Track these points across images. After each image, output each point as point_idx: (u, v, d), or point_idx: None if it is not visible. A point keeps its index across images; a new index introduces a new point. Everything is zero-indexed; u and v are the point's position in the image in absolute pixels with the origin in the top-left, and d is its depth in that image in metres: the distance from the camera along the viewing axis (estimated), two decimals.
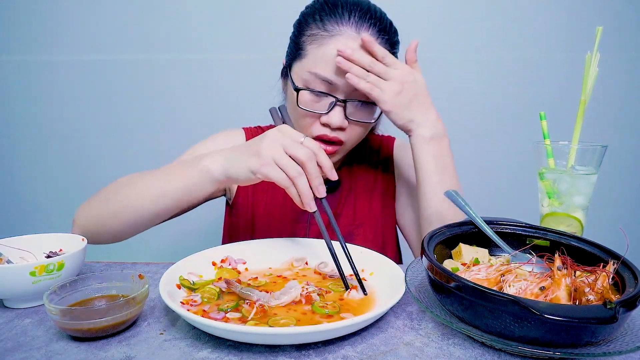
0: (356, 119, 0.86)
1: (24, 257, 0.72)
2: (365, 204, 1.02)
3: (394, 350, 0.53)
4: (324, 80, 0.83)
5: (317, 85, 0.84)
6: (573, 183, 0.74)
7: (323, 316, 0.59)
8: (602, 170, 0.75)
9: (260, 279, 0.72)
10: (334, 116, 0.84)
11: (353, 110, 0.86)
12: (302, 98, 0.86)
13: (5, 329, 0.58)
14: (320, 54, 0.83)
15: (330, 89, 0.84)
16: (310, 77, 0.84)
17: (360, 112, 0.87)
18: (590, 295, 0.53)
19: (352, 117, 0.86)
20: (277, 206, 1.00)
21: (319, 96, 0.85)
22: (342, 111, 0.85)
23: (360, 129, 0.89)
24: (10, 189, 1.75)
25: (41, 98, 1.68)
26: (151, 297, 0.66)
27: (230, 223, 1.05)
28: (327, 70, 0.83)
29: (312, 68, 0.84)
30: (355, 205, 1.01)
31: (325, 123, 0.86)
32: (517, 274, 0.57)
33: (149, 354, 0.51)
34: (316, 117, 0.87)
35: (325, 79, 0.83)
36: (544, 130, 0.78)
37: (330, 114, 0.85)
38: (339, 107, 0.85)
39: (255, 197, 1.01)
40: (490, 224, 0.72)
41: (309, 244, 0.80)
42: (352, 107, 0.86)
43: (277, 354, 0.52)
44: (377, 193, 1.03)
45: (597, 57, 0.73)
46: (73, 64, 1.64)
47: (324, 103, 0.85)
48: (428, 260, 0.57)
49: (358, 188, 1.03)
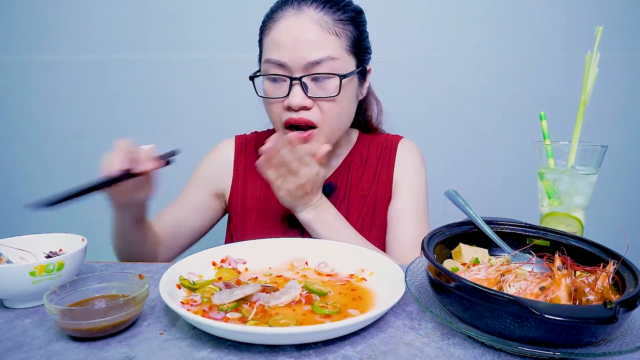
0: (318, 96, 0.85)
1: (24, 257, 0.72)
2: (358, 207, 1.00)
3: (394, 350, 0.53)
4: (276, 64, 0.84)
5: (272, 71, 0.85)
6: (573, 183, 0.74)
7: (323, 316, 0.59)
8: (602, 170, 0.75)
9: (260, 278, 0.72)
10: (293, 97, 0.84)
11: (314, 87, 0.85)
12: (263, 88, 0.88)
13: (5, 329, 0.58)
14: (269, 41, 0.86)
15: (284, 71, 0.84)
16: (266, 66, 0.86)
17: (322, 88, 0.86)
18: (590, 295, 0.53)
19: (313, 94, 0.85)
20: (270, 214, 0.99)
21: (277, 82, 0.86)
22: (300, 90, 0.84)
23: (329, 105, 0.87)
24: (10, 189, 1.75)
25: (41, 98, 1.67)
26: (151, 297, 0.66)
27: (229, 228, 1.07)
28: (275, 54, 0.84)
29: (265, 56, 0.86)
30: (349, 209, 0.99)
31: (288, 106, 0.86)
32: (517, 274, 0.57)
33: (149, 354, 0.51)
34: (280, 102, 0.87)
35: (275, 61, 0.84)
36: (544, 130, 0.78)
37: (290, 96, 0.85)
38: (297, 87, 0.84)
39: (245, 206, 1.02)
40: (490, 224, 0.72)
41: (309, 244, 0.80)
42: (312, 84, 0.85)
43: (277, 354, 0.52)
44: (372, 195, 1.00)
45: (597, 57, 0.73)
46: (73, 63, 1.64)
47: (284, 87, 0.86)
48: (428, 260, 0.57)
49: (354, 190, 1.01)
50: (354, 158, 1.04)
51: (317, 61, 0.83)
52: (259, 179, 1.00)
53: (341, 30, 0.85)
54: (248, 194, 1.02)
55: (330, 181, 1.01)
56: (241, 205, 1.02)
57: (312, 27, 0.83)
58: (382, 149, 1.04)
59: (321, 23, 0.83)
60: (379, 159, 1.03)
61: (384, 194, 1.01)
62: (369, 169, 1.03)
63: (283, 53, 0.83)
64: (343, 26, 0.86)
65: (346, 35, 0.86)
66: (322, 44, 0.83)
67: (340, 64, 0.85)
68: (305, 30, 0.83)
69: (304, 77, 0.84)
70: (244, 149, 1.06)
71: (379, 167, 1.03)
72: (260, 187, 1.01)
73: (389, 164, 1.03)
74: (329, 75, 0.84)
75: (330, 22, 0.84)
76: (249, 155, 1.05)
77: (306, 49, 0.83)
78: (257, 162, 0.82)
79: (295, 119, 0.86)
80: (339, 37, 0.85)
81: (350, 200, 1.00)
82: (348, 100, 0.90)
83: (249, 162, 1.04)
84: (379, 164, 1.03)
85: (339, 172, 1.02)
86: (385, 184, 1.01)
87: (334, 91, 0.86)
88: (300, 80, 0.84)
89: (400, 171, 1.02)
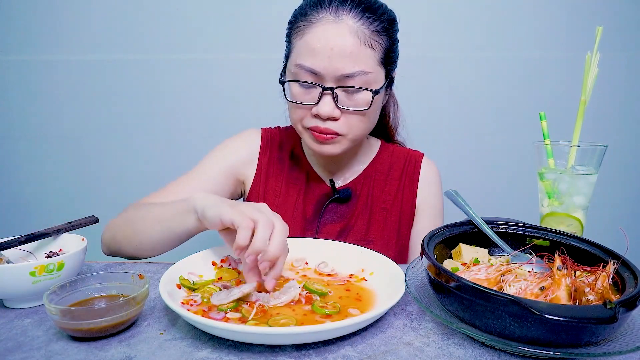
0: (348, 108, 0.84)
1: (24, 257, 0.72)
2: (380, 220, 0.98)
3: (394, 350, 0.53)
4: (308, 71, 0.82)
5: (304, 77, 0.83)
6: (573, 183, 0.75)
7: (323, 316, 0.59)
8: (602, 170, 0.75)
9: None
10: (323, 106, 0.82)
11: (344, 98, 0.83)
12: (291, 91, 0.86)
13: (5, 329, 0.58)
14: (302, 44, 0.83)
15: (316, 79, 0.82)
16: (297, 70, 0.83)
17: (353, 99, 0.84)
18: (590, 295, 0.53)
19: (343, 105, 0.83)
20: (288, 212, 0.98)
21: (307, 88, 0.84)
22: (331, 100, 0.82)
23: (357, 117, 0.86)
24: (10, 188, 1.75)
25: (40, 98, 1.67)
26: (151, 297, 0.66)
27: None
28: (308, 60, 0.81)
29: (297, 60, 0.83)
30: (371, 219, 0.98)
31: (316, 114, 0.84)
32: (517, 274, 0.57)
33: (149, 354, 0.51)
34: (307, 109, 0.85)
35: (309, 69, 0.82)
36: (544, 130, 0.78)
37: (320, 104, 0.83)
38: (328, 97, 0.82)
39: (265, 200, 0.99)
40: (490, 224, 0.72)
41: (309, 244, 0.80)
42: (343, 95, 0.83)
43: (277, 354, 0.52)
44: (395, 210, 0.99)
45: (597, 57, 0.73)
46: (73, 63, 1.64)
47: (314, 94, 0.84)
48: (428, 260, 0.57)
49: (376, 202, 0.99)
50: (377, 168, 1.02)
51: (351, 74, 0.81)
52: (281, 175, 1.00)
53: (376, 42, 0.83)
54: (269, 190, 1.00)
55: (350, 187, 1.00)
56: (262, 200, 1.00)
57: (349, 39, 0.80)
58: (406, 164, 1.03)
59: (359, 34, 0.81)
60: (402, 174, 1.02)
61: (409, 212, 1.01)
62: (391, 182, 1.01)
63: (318, 62, 0.81)
64: (378, 38, 0.83)
65: (380, 48, 0.84)
66: (358, 57, 0.81)
67: (372, 78, 0.83)
68: (343, 41, 0.80)
69: (337, 88, 0.82)
70: (269, 144, 1.03)
71: (403, 182, 1.02)
72: (281, 183, 1.00)
73: (412, 181, 1.02)
74: (362, 89, 0.83)
75: (368, 34, 0.81)
76: (274, 150, 1.03)
77: (341, 60, 0.80)
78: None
79: (321, 129, 0.84)
80: (373, 50, 0.82)
81: (372, 210, 0.99)
82: (375, 112, 0.89)
83: (274, 158, 1.02)
84: (402, 178, 1.02)
85: (360, 180, 1.01)
86: (409, 202, 1.01)
87: (364, 105, 0.84)
88: (332, 91, 0.82)
89: (423, 193, 1.02)
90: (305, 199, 0.99)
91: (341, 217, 0.98)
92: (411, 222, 1.02)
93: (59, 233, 0.75)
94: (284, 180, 1.01)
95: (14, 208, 1.76)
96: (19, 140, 1.71)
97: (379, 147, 1.06)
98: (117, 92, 1.65)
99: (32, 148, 1.71)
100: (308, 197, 0.99)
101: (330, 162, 1.00)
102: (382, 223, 0.98)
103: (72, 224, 0.77)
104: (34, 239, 0.71)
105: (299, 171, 1.01)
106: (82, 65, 1.64)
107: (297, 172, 1.01)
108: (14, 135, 1.71)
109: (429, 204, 1.02)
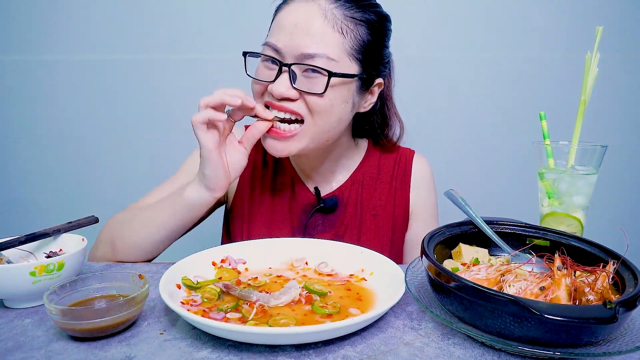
0: (304, 89, 0.77)
1: (24, 257, 0.72)
2: (372, 227, 0.94)
3: (394, 350, 0.53)
4: (272, 48, 0.79)
5: (266, 52, 0.80)
6: (573, 183, 0.75)
7: (323, 316, 0.59)
8: (602, 170, 0.75)
9: (260, 278, 0.72)
10: (277, 84, 0.77)
11: (303, 80, 0.78)
12: (255, 66, 0.84)
13: (5, 329, 0.58)
14: (274, 24, 0.82)
15: (277, 56, 0.79)
16: (263, 47, 0.81)
17: (310, 81, 0.78)
18: (590, 295, 0.53)
19: (299, 86, 0.77)
20: (275, 222, 0.94)
21: (269, 66, 0.81)
22: (287, 79, 0.77)
23: (318, 101, 0.78)
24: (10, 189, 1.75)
25: (40, 98, 1.68)
26: (151, 297, 0.66)
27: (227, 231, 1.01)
28: (273, 37, 0.79)
29: (267, 38, 0.82)
30: (361, 228, 0.93)
31: (270, 92, 0.79)
32: (517, 274, 0.57)
33: (149, 354, 0.51)
34: (264, 86, 0.81)
35: (271, 45, 0.79)
36: (544, 130, 0.78)
37: (275, 82, 0.78)
38: (284, 75, 0.77)
39: (251, 209, 0.96)
40: (490, 224, 0.72)
41: (309, 244, 0.80)
42: (302, 75, 0.78)
43: (277, 354, 0.52)
44: (387, 216, 0.95)
45: (597, 57, 0.73)
46: (72, 63, 1.64)
47: (273, 72, 0.79)
48: (428, 260, 0.57)
49: (366, 209, 0.94)
50: (365, 172, 0.97)
51: (310, 55, 0.76)
52: (266, 179, 0.96)
53: (349, 29, 0.78)
54: (256, 197, 0.96)
55: (336, 195, 0.95)
56: (247, 209, 0.96)
57: (316, 17, 0.76)
58: (396, 165, 0.98)
59: (327, 15, 0.76)
60: (392, 177, 0.97)
61: (402, 216, 0.97)
62: (381, 186, 0.97)
63: (281, 37, 0.78)
64: (354, 26, 0.78)
65: (353, 37, 0.78)
66: (322, 39, 0.76)
67: (335, 66, 0.77)
68: (308, 18, 0.76)
69: (294, 64, 0.77)
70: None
71: (393, 185, 0.97)
72: (266, 188, 0.96)
73: (403, 183, 0.97)
74: (318, 70, 0.76)
75: (340, 17, 0.77)
76: (258, 150, 0.97)
77: (303, 38, 0.76)
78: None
79: (277, 105, 0.79)
80: (343, 36, 0.77)
81: (362, 218, 0.94)
82: (337, 102, 0.80)
83: (258, 160, 0.98)
84: (392, 182, 0.97)
85: (347, 187, 0.95)
86: (402, 206, 0.97)
87: (319, 86, 0.77)
88: (289, 69, 0.77)
89: (416, 195, 0.98)
90: (291, 208, 0.95)
91: (330, 226, 0.94)
92: (405, 227, 0.98)
93: (59, 233, 0.75)
94: (268, 185, 0.96)
95: (14, 208, 1.76)
96: (19, 140, 1.71)
97: (366, 149, 1.00)
98: (117, 92, 1.66)
99: (32, 148, 1.71)
100: (293, 206, 0.95)
101: (310, 167, 0.95)
102: (374, 231, 0.94)
103: (72, 224, 0.77)
104: (34, 239, 0.71)
105: (283, 175, 0.97)
106: (83, 65, 1.64)
107: (282, 177, 0.97)
108: (14, 135, 1.71)
109: (423, 206, 0.98)
